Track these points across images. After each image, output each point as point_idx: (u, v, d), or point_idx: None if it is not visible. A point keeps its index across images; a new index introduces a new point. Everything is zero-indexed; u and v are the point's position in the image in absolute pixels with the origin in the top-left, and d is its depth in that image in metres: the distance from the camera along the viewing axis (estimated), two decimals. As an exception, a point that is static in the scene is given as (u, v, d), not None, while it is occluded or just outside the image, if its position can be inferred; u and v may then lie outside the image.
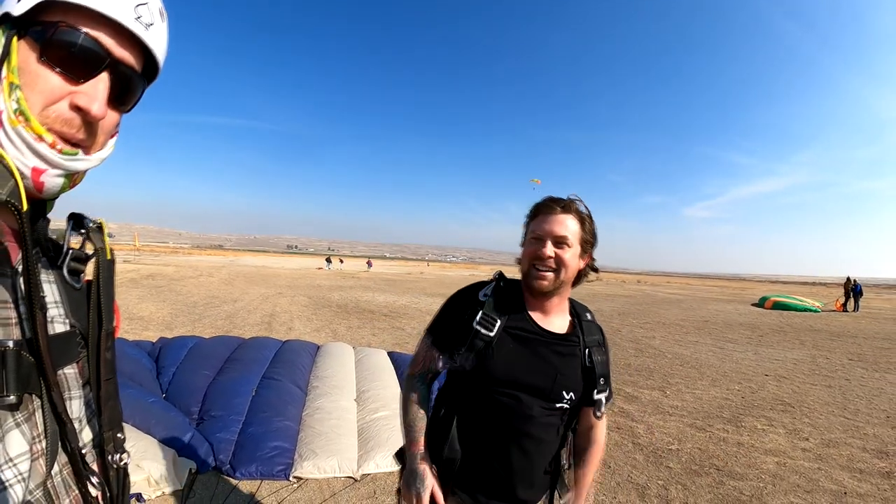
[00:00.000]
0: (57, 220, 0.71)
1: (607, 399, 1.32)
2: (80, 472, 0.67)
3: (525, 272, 1.28)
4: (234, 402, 3.73)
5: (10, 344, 0.55)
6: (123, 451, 0.73)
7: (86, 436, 0.69)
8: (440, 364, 1.33)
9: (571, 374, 1.26)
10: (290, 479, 3.08)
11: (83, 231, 0.71)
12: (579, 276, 1.33)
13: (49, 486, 0.62)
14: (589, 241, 1.29)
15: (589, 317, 1.36)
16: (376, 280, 29.05)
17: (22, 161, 0.57)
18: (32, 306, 0.56)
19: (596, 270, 1.36)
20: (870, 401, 5.94)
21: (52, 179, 0.60)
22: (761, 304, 22.30)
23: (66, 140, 0.60)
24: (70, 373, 0.67)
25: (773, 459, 3.94)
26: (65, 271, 0.68)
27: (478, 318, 1.24)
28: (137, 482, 2.73)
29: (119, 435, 0.73)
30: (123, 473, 0.74)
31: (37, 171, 0.58)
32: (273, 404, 3.73)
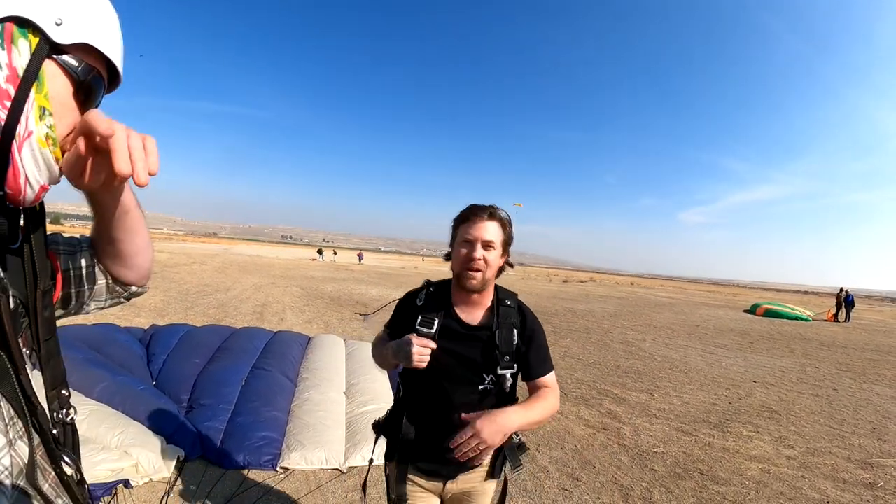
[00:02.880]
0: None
1: (523, 377, 1.51)
2: (53, 452, 0.68)
3: (458, 273, 1.47)
4: (224, 391, 3.73)
5: None
6: (69, 406, 0.73)
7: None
8: None
9: (488, 358, 1.46)
10: (277, 469, 3.08)
11: None
12: (499, 272, 1.54)
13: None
14: (508, 243, 1.50)
15: (509, 302, 1.54)
16: (370, 273, 29.04)
17: (36, 178, 0.60)
18: None
19: (511, 266, 1.58)
20: (856, 411, 6.00)
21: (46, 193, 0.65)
22: (753, 310, 22.46)
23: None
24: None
25: (757, 466, 3.98)
26: None
27: (419, 320, 1.48)
28: (125, 468, 2.73)
29: (63, 392, 0.72)
30: (72, 429, 0.75)
31: (43, 188, 0.62)
32: (262, 394, 3.73)
